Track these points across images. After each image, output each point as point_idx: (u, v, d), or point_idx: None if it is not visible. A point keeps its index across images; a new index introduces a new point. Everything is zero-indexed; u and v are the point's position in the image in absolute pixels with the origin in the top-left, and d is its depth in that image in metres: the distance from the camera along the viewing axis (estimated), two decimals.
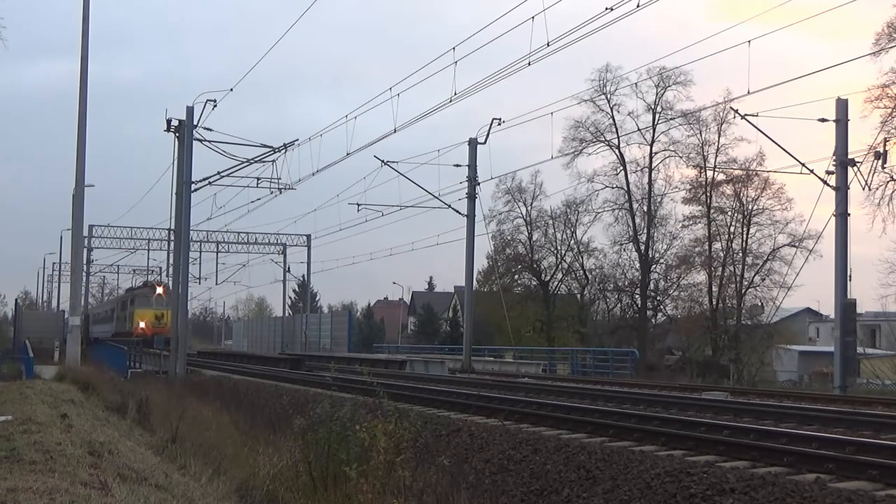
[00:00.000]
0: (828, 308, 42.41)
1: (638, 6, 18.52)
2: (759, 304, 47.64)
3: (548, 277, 57.10)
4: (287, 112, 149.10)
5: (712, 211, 48.74)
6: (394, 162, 34.82)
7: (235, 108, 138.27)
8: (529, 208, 56.80)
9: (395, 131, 29.40)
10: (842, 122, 27.40)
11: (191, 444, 10.97)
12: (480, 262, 57.13)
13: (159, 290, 49.69)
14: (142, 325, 48.22)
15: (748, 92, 24.16)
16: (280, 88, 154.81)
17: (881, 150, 28.93)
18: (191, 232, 35.75)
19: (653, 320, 53.56)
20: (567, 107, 57.72)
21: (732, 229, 48.46)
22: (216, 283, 59.00)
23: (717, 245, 49.01)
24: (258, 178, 32.82)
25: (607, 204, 52.66)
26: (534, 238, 57.07)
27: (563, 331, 55.55)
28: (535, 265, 56.84)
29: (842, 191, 27.10)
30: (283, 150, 30.77)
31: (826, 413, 15.04)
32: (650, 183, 51.54)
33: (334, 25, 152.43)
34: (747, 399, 19.66)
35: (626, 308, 55.11)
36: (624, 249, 53.03)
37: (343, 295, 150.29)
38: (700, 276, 49.85)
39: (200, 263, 55.17)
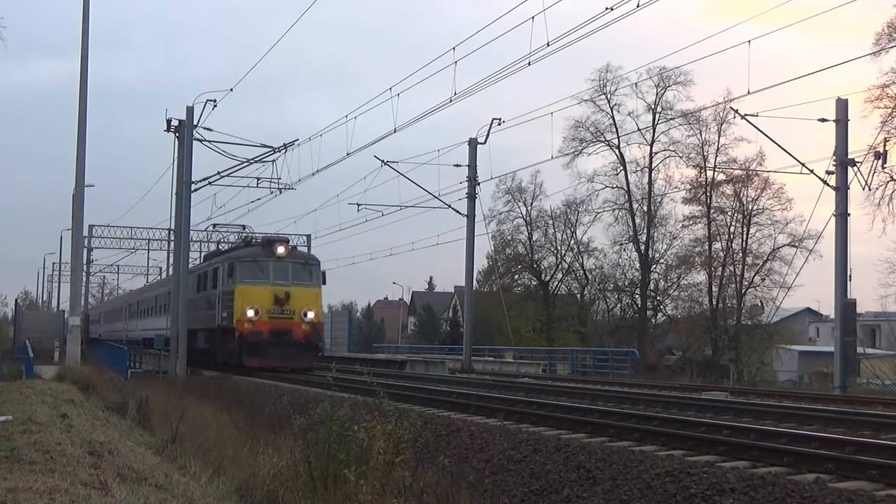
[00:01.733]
0: (828, 308, 42.52)
1: (638, 6, 18.51)
2: (759, 304, 47.72)
3: (548, 277, 57.17)
4: (287, 112, 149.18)
5: (712, 211, 48.86)
6: (394, 162, 34.78)
7: (235, 108, 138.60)
8: (529, 208, 56.99)
9: (395, 131, 29.36)
10: (842, 122, 27.39)
11: (191, 444, 10.98)
12: (480, 262, 57.20)
13: (280, 248, 30.08)
14: (250, 313, 28.70)
15: (748, 92, 24.16)
16: (280, 88, 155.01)
17: (881, 150, 28.93)
18: (191, 232, 35.75)
19: (653, 320, 53.62)
20: (567, 107, 57.82)
21: (732, 229, 48.61)
22: None
23: (717, 245, 49.19)
24: (258, 178, 32.79)
25: (607, 204, 52.85)
26: (534, 238, 57.22)
27: (563, 331, 55.64)
28: (535, 265, 56.88)
29: (842, 191, 27.09)
30: (283, 150, 30.72)
31: (826, 413, 15.01)
32: (650, 183, 51.68)
33: (334, 25, 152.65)
34: (747, 399, 19.62)
35: (626, 308, 55.18)
36: (624, 249, 53.22)
37: (343, 295, 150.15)
38: (700, 276, 50.03)
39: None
